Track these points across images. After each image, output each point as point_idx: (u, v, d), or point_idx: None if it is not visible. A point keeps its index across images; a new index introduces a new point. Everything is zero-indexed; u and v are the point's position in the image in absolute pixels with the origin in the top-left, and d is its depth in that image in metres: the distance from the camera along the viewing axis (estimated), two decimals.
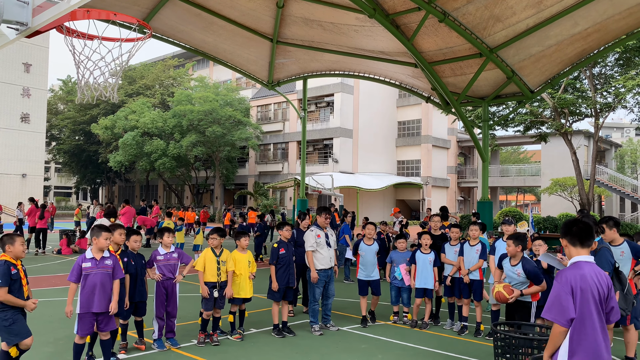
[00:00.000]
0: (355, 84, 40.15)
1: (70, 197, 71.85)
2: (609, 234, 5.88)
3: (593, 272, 3.14)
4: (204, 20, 14.28)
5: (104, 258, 5.36)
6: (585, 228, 3.25)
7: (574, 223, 3.30)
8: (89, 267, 5.25)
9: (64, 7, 3.23)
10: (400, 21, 11.68)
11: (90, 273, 5.24)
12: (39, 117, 37.72)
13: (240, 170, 45.37)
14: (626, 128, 73.01)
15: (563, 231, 3.36)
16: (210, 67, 52.69)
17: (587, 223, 3.29)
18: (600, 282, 3.12)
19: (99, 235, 5.31)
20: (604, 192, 34.29)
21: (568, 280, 3.11)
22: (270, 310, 7.55)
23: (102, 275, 5.29)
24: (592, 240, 3.28)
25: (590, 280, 3.09)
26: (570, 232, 3.29)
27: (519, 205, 64.86)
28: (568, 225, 3.33)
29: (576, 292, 3.07)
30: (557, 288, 3.15)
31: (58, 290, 10.18)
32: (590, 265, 3.18)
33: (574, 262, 3.23)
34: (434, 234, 8.33)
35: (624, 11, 10.55)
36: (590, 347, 3.02)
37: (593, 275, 3.11)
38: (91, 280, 5.22)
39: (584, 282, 3.07)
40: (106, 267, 5.33)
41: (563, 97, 23.06)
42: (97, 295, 5.22)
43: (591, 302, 3.05)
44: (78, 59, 4.96)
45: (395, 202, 42.98)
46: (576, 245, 3.26)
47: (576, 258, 3.24)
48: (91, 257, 5.29)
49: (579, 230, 3.26)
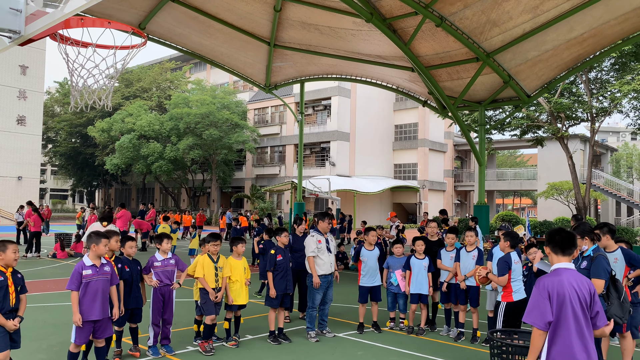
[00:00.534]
0: (352, 88, 40.19)
1: (67, 200, 71.60)
2: (603, 241, 5.87)
3: (572, 278, 3.30)
4: (201, 24, 14.25)
5: (103, 264, 5.34)
6: (568, 237, 3.43)
7: (558, 232, 3.48)
8: (90, 274, 5.20)
9: (57, 16, 3.20)
10: (397, 25, 11.68)
11: (91, 280, 5.19)
12: (35, 120, 37.60)
13: (237, 174, 45.31)
14: (622, 132, 73.31)
15: (547, 240, 3.52)
16: (208, 70, 52.66)
17: (570, 233, 3.46)
18: (580, 288, 3.27)
19: (98, 242, 5.27)
20: (600, 196, 34.37)
21: (545, 286, 3.30)
22: (265, 317, 7.52)
23: (103, 282, 5.28)
24: (574, 249, 3.44)
25: (567, 285, 3.25)
26: (552, 241, 3.47)
27: (516, 209, 64.99)
28: (552, 234, 3.50)
29: (553, 297, 3.25)
30: (536, 293, 3.34)
31: (52, 295, 10.11)
32: (570, 271, 3.35)
33: (554, 269, 3.42)
34: (431, 239, 8.31)
35: (620, 17, 10.58)
36: (565, 350, 3.19)
37: (572, 281, 3.27)
38: (93, 287, 5.18)
39: (561, 288, 3.25)
40: (106, 273, 5.33)
41: (559, 102, 23.13)
42: (99, 302, 5.20)
43: (567, 307, 3.22)
44: (72, 67, 4.92)
45: (392, 206, 42.99)
46: (558, 253, 3.44)
47: (556, 265, 3.42)
48: (91, 264, 5.25)
49: (561, 239, 3.43)
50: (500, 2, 10.09)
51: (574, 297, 3.24)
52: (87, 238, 5.38)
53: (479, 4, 10.23)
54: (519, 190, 48.42)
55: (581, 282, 3.31)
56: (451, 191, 46.38)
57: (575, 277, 3.32)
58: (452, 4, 10.39)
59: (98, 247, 5.26)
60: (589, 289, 3.31)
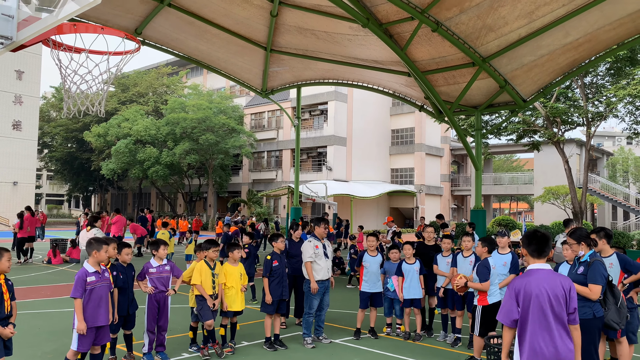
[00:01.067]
0: (349, 93, 40.24)
1: (62, 205, 71.34)
2: (599, 245, 5.86)
3: (543, 277, 3.50)
4: (198, 29, 14.25)
5: (103, 271, 5.36)
6: (543, 240, 3.63)
7: (533, 235, 3.67)
8: (94, 280, 5.18)
9: (50, 21, 3.17)
10: (393, 30, 11.70)
11: (95, 287, 5.18)
12: (31, 125, 37.48)
13: (233, 178, 45.24)
14: (617, 137, 73.63)
15: (524, 243, 3.72)
16: (204, 75, 52.67)
17: (545, 234, 3.67)
18: (551, 287, 3.46)
19: (99, 248, 5.26)
20: (596, 201, 34.45)
21: (514, 286, 3.56)
22: (261, 323, 7.47)
23: (106, 287, 5.31)
24: (549, 250, 3.65)
25: (535, 285, 3.47)
26: (529, 244, 3.67)
27: (513, 214, 65.07)
28: (528, 237, 3.70)
29: (519, 296, 3.49)
30: (506, 293, 3.62)
31: (47, 301, 10.03)
32: (542, 271, 3.55)
33: (527, 270, 3.63)
34: (428, 244, 8.29)
35: (614, 22, 10.63)
36: (531, 345, 3.44)
37: (542, 281, 3.48)
38: (97, 293, 5.18)
39: (529, 287, 3.48)
40: (106, 279, 5.36)
41: (555, 106, 23.21)
42: (104, 307, 5.21)
43: (534, 305, 3.44)
44: (65, 73, 4.89)
45: (389, 210, 42.98)
46: (534, 255, 3.65)
47: (531, 266, 3.63)
48: (94, 271, 5.24)
49: (537, 242, 3.63)
50: (495, 7, 10.12)
51: (543, 295, 3.43)
52: (88, 244, 5.34)
53: (474, 9, 10.27)
54: (515, 194, 48.50)
55: (553, 281, 3.49)
56: (448, 196, 46.42)
57: (548, 276, 3.51)
58: (448, 9, 10.42)
59: (99, 254, 5.26)
60: (562, 288, 3.49)
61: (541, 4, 9.91)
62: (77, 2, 3.10)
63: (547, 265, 3.63)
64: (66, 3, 3.20)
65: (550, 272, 3.56)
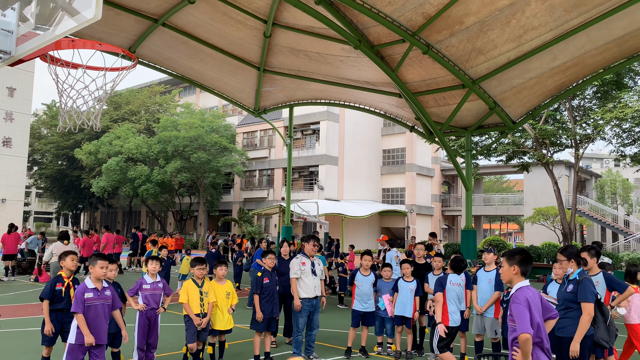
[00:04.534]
0: (340, 113, 40.56)
1: (51, 223, 70.53)
2: (590, 263, 5.92)
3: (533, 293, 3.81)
4: (192, 48, 14.39)
5: (104, 288, 5.25)
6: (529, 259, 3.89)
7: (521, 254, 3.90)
8: (92, 297, 5.10)
9: (48, 37, 3.22)
10: (385, 52, 11.90)
11: (92, 304, 5.08)
12: (21, 142, 37.26)
13: (224, 197, 45.10)
14: (605, 159, 74.57)
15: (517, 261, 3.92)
16: (197, 94, 52.88)
17: (528, 254, 3.91)
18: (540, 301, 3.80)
19: (94, 264, 5.19)
20: (585, 222, 34.72)
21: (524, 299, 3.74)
22: (251, 342, 7.39)
23: (105, 306, 5.18)
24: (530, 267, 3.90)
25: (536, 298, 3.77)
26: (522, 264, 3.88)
27: (503, 234, 65.29)
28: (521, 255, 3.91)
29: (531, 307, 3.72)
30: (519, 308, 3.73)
31: (33, 319, 9.87)
32: (530, 288, 3.84)
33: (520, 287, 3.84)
34: (418, 262, 8.31)
35: (601, 46, 10.91)
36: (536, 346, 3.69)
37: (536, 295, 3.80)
38: (93, 311, 5.07)
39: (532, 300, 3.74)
40: (107, 297, 5.23)
41: (544, 128, 23.54)
42: (99, 327, 5.08)
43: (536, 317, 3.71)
44: (61, 88, 4.94)
45: (380, 230, 42.95)
46: (523, 275, 3.88)
47: (520, 284, 3.85)
48: (93, 287, 5.15)
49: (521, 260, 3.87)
50: (485, 31, 10.35)
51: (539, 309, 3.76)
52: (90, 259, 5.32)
53: (464, 32, 10.49)
54: (505, 215, 48.76)
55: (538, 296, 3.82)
56: (439, 216, 46.56)
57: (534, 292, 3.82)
58: (439, 32, 10.64)
59: (94, 269, 5.18)
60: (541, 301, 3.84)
61: (529, 28, 10.16)
62: (75, 19, 3.15)
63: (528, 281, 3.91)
64: (63, 19, 3.25)
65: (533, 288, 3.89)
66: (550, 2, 9.37)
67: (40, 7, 3.41)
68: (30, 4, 3.55)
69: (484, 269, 7.05)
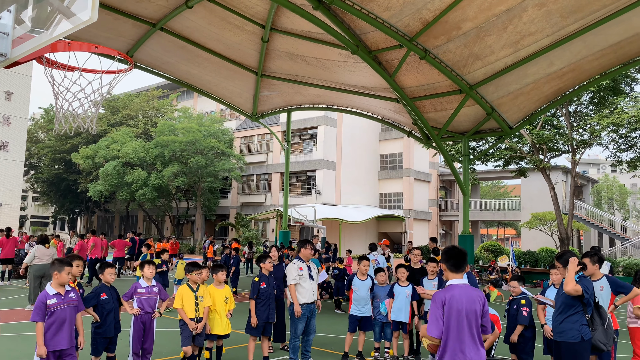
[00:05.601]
0: (338, 117, 40.61)
1: (48, 227, 70.29)
2: (591, 268, 5.92)
3: (463, 292, 3.76)
4: (190, 53, 14.40)
5: (68, 292, 5.17)
6: (460, 255, 3.86)
7: (451, 251, 3.90)
8: (55, 303, 5.02)
9: (45, 39, 3.22)
10: (382, 58, 11.93)
11: (57, 309, 5.01)
12: (18, 146, 37.17)
13: (222, 201, 45.02)
14: (602, 164, 74.81)
15: (442, 258, 3.93)
16: (195, 98, 52.90)
17: (462, 251, 3.90)
18: (470, 301, 3.72)
19: (60, 269, 5.11)
20: (582, 227, 34.78)
21: (440, 299, 3.76)
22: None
23: (69, 309, 5.10)
24: (465, 265, 3.88)
25: (457, 299, 3.71)
26: (447, 260, 3.89)
27: (500, 239, 65.34)
28: (446, 253, 3.91)
29: (445, 308, 3.73)
30: (431, 307, 3.81)
31: (29, 324, 9.81)
32: (461, 287, 3.79)
33: (448, 285, 3.85)
34: (414, 267, 8.30)
35: (597, 52, 10.96)
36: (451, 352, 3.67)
37: (462, 295, 3.74)
38: (58, 316, 5.00)
39: (452, 301, 3.71)
40: (72, 300, 5.15)
41: (541, 134, 23.61)
42: (66, 331, 5.01)
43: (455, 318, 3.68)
44: (57, 90, 4.92)
45: (377, 235, 42.93)
46: (452, 270, 3.87)
47: (450, 281, 3.85)
48: (55, 293, 5.07)
49: (454, 257, 3.86)
50: (482, 36, 10.39)
51: (462, 309, 3.69)
52: (50, 265, 5.24)
53: (461, 38, 10.53)
54: (503, 220, 48.81)
55: (471, 296, 3.76)
56: (436, 221, 46.56)
57: (466, 291, 3.77)
58: (436, 38, 10.67)
59: (60, 275, 5.09)
60: (480, 301, 3.77)
61: (526, 34, 10.20)
62: (71, 21, 3.14)
63: (465, 280, 3.87)
64: (59, 22, 3.25)
65: (468, 286, 3.83)
66: (547, 8, 9.41)
67: (36, 9, 3.41)
68: (27, 6, 3.54)
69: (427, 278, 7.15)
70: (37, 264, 11.43)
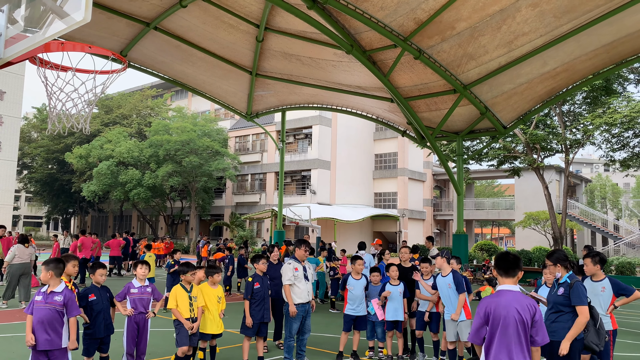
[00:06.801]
0: (333, 117, 40.62)
1: (41, 227, 69.89)
2: (592, 269, 5.95)
3: (512, 299, 3.61)
4: (184, 52, 14.37)
5: (54, 293, 5.03)
6: (512, 261, 3.76)
7: (503, 256, 3.81)
8: (38, 300, 5.00)
9: (38, 39, 3.20)
10: (377, 57, 11.95)
11: (37, 307, 4.97)
12: (11, 145, 36.96)
13: (216, 201, 44.94)
14: (595, 164, 75.26)
15: (494, 264, 3.87)
16: (189, 98, 52.76)
17: (515, 256, 3.79)
18: (521, 308, 3.58)
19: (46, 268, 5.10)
20: (575, 226, 34.97)
21: (484, 306, 3.67)
22: (241, 347, 7.34)
23: (50, 311, 4.97)
24: (518, 271, 3.77)
25: (504, 306, 3.58)
26: (498, 265, 3.80)
27: (494, 239, 65.60)
28: (498, 259, 3.83)
29: (489, 316, 3.61)
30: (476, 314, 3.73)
31: (22, 324, 9.75)
32: (512, 293, 3.67)
33: (497, 290, 3.75)
34: (404, 265, 8.32)
35: (590, 52, 11.03)
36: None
37: (512, 302, 3.59)
38: (37, 314, 4.95)
39: (498, 308, 3.59)
40: (54, 303, 5.00)
41: (534, 133, 23.72)
42: (40, 332, 4.91)
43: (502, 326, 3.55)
44: (51, 90, 4.89)
45: (372, 234, 43.00)
46: (502, 275, 3.77)
47: (501, 287, 3.76)
48: (42, 291, 5.06)
49: (506, 263, 3.77)
50: (476, 36, 10.43)
51: (511, 317, 3.55)
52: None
53: (455, 38, 10.56)
54: (497, 219, 48.99)
55: (521, 304, 3.61)
56: (430, 220, 46.69)
57: (517, 298, 3.63)
58: (430, 38, 10.71)
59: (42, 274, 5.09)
60: (530, 310, 3.61)
61: (520, 34, 10.25)
62: (65, 21, 3.13)
63: (517, 287, 3.76)
64: (53, 22, 3.23)
65: (519, 294, 3.70)
66: (540, 9, 9.46)
67: (29, 9, 3.39)
68: (20, 6, 3.53)
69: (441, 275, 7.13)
70: (17, 262, 11.51)
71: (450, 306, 6.94)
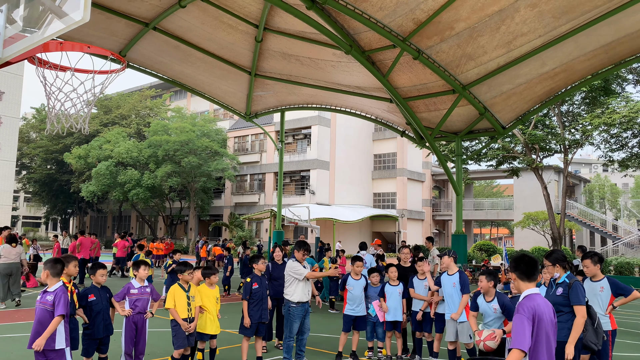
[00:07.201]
0: (332, 117, 40.63)
1: (39, 228, 69.83)
2: (592, 269, 5.96)
3: (543, 302, 3.51)
4: (183, 52, 14.36)
5: (47, 293, 5.03)
6: (532, 263, 3.60)
7: (522, 259, 3.63)
8: (37, 299, 5.04)
9: (36, 39, 3.20)
10: (376, 58, 11.95)
11: (36, 307, 5.02)
12: (10, 146, 36.92)
13: (215, 201, 44.92)
14: (594, 164, 75.36)
15: (512, 266, 3.69)
16: (188, 98, 52.74)
17: (533, 258, 3.63)
18: (550, 311, 3.49)
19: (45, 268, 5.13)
20: (574, 227, 34.99)
21: (529, 309, 3.43)
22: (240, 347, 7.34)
23: (39, 310, 5.00)
24: (538, 274, 3.63)
25: (544, 309, 3.45)
26: (518, 268, 3.61)
27: (493, 239, 65.63)
28: (517, 260, 3.66)
29: (535, 320, 3.42)
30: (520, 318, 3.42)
31: (20, 325, 9.74)
32: (540, 296, 3.54)
33: (527, 295, 3.55)
34: (404, 266, 8.32)
35: (588, 53, 11.04)
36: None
37: (544, 304, 3.48)
38: (36, 313, 5.00)
39: (540, 310, 3.43)
40: (45, 302, 4.99)
41: (533, 133, 23.75)
42: (35, 330, 4.92)
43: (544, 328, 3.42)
44: (49, 90, 4.88)
45: (371, 234, 43.01)
46: (524, 279, 3.59)
47: (528, 291, 3.56)
48: (43, 290, 5.08)
49: (526, 265, 3.59)
50: (475, 37, 10.43)
51: (548, 319, 3.45)
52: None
53: (455, 38, 10.56)
54: (496, 220, 49.02)
55: (550, 306, 3.54)
56: (430, 220, 46.70)
57: (545, 301, 3.55)
58: (429, 38, 10.71)
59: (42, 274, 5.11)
60: (554, 312, 3.56)
61: (518, 34, 10.25)
62: (63, 21, 3.13)
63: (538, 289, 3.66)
64: (51, 22, 3.23)
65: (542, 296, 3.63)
66: (539, 9, 9.47)
67: (28, 9, 3.38)
68: (19, 5, 3.52)
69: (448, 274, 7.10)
70: (4, 262, 11.49)
71: (452, 305, 6.93)
